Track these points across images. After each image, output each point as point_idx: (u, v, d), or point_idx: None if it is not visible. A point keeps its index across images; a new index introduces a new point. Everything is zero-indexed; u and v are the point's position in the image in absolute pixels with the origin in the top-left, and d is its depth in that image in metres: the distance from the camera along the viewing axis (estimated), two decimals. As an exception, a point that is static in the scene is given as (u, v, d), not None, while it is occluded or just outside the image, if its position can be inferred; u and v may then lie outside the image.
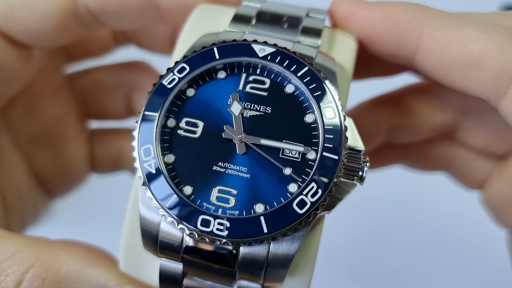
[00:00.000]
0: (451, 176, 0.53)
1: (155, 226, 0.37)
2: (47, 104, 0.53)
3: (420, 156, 0.53)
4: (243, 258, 0.35)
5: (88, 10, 0.44)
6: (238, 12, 0.43)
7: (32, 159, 0.52)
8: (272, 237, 0.34)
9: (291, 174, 0.36)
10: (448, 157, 0.51)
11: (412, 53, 0.41)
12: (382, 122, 0.50)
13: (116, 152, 0.56)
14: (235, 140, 0.37)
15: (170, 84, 0.38)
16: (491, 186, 0.49)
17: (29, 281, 0.37)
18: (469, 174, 0.51)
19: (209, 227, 0.34)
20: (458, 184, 0.53)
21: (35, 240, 0.40)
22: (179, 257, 0.37)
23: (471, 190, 0.53)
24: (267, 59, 0.38)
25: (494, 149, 0.48)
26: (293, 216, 0.34)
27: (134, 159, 0.37)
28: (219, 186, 0.36)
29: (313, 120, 0.37)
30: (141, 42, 0.55)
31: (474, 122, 0.49)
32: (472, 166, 0.50)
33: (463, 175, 0.52)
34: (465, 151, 0.50)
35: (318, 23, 0.42)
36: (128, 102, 0.56)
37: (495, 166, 0.49)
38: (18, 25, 0.42)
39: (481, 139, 0.49)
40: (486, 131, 0.48)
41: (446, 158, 0.51)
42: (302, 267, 0.38)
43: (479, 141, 0.49)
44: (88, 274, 0.39)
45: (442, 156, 0.51)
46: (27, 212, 0.51)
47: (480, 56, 0.38)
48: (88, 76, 0.56)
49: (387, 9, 0.41)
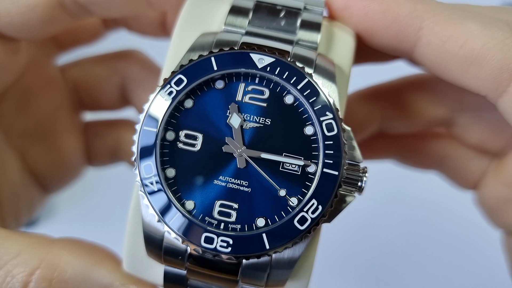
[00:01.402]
0: (445, 176, 0.54)
1: (159, 235, 0.37)
2: (39, 97, 0.52)
3: (414, 152, 0.53)
4: (245, 267, 0.37)
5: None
6: (235, 4, 0.41)
7: (26, 154, 0.51)
8: (274, 251, 0.35)
9: (286, 196, 0.36)
10: (442, 154, 0.51)
11: (411, 47, 0.41)
12: (376, 111, 0.50)
13: (112, 143, 0.55)
14: (235, 154, 0.37)
15: (168, 97, 0.37)
16: (485, 186, 0.50)
17: (36, 282, 0.38)
18: (463, 173, 0.51)
19: (212, 244, 0.35)
20: (452, 184, 0.54)
21: (37, 239, 0.40)
22: (183, 265, 0.38)
23: (465, 190, 0.53)
24: (266, 70, 0.37)
25: (488, 146, 0.48)
26: (294, 232, 0.35)
27: (136, 176, 0.37)
28: (221, 200, 0.37)
29: (313, 132, 0.37)
30: (131, 26, 0.54)
31: (470, 117, 0.48)
32: (466, 165, 0.50)
33: (457, 174, 0.52)
34: (459, 148, 0.50)
35: (317, 17, 0.41)
36: (122, 92, 0.55)
37: (489, 165, 0.49)
38: (2, 18, 0.41)
39: (476, 135, 0.49)
40: (481, 127, 0.48)
41: (440, 156, 0.52)
42: (299, 271, 0.39)
43: (474, 137, 0.49)
44: (93, 275, 0.39)
45: (436, 153, 0.52)
46: (22, 208, 0.51)
47: (481, 53, 0.37)
48: (80, 67, 0.55)
49: (387, 1, 0.40)
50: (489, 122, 0.48)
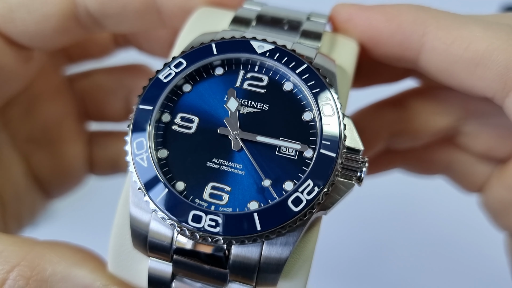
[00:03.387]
0: (449, 180, 0.53)
1: (145, 224, 0.36)
2: (46, 105, 0.53)
3: (419, 160, 0.52)
4: (235, 258, 0.34)
5: (88, 12, 0.43)
6: (238, 15, 0.42)
7: (30, 159, 0.51)
8: (265, 236, 0.33)
9: (269, 187, 0.35)
10: (447, 161, 0.51)
11: (416, 54, 0.41)
12: (383, 129, 0.50)
13: (114, 154, 0.55)
14: (230, 136, 0.36)
15: (166, 78, 0.37)
16: (490, 190, 0.49)
17: (14, 280, 0.36)
18: (468, 177, 0.50)
19: (200, 223, 0.33)
20: (456, 188, 0.53)
21: (21, 239, 0.39)
22: (169, 257, 0.35)
23: (470, 194, 0.52)
24: (266, 55, 0.37)
25: (494, 153, 0.48)
26: (288, 214, 0.33)
27: (127, 153, 0.36)
28: (213, 183, 0.35)
29: (311, 118, 0.36)
30: (142, 45, 0.55)
31: (475, 125, 0.48)
32: (471, 170, 0.50)
33: (462, 178, 0.51)
34: (465, 155, 0.50)
35: (319, 26, 0.42)
36: (127, 104, 0.55)
37: (494, 169, 0.49)
38: (17, 26, 0.42)
39: (482, 143, 0.48)
40: (487, 135, 0.47)
41: (445, 162, 0.51)
42: (296, 271, 0.36)
43: (480, 145, 0.48)
44: (74, 274, 0.37)
45: (441, 160, 0.51)
46: (24, 212, 0.50)
47: (485, 53, 0.37)
48: (88, 78, 0.56)
49: (389, 11, 0.41)
50: (494, 129, 0.47)
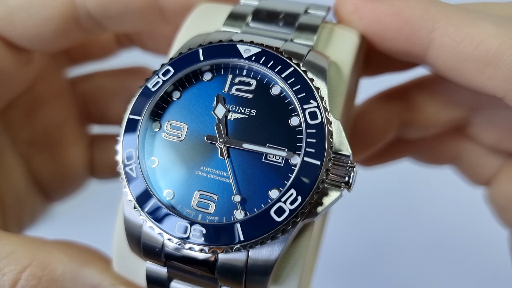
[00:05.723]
0: (458, 171, 0.51)
1: (138, 229, 0.37)
2: (48, 108, 0.53)
3: (429, 150, 0.51)
4: (222, 264, 0.35)
5: (88, 14, 0.43)
6: (234, 11, 0.41)
7: (31, 161, 0.52)
8: (249, 245, 0.33)
9: (238, 203, 0.35)
10: (457, 151, 0.49)
11: (424, 50, 0.39)
12: (393, 119, 0.48)
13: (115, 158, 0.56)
14: (217, 144, 0.36)
15: (154, 87, 0.38)
16: (497, 184, 0.47)
17: (26, 279, 0.37)
18: (477, 169, 0.49)
19: (186, 233, 0.34)
20: (464, 179, 0.51)
21: (30, 240, 0.40)
22: (162, 261, 0.37)
23: (477, 186, 0.51)
24: (252, 59, 0.37)
25: (504, 146, 0.46)
26: (271, 224, 0.33)
27: (118, 163, 0.37)
28: (201, 191, 0.36)
29: (298, 123, 0.36)
30: (145, 45, 0.55)
31: (485, 117, 0.46)
32: (480, 162, 0.48)
33: (471, 170, 0.49)
34: (474, 146, 0.48)
35: (315, 19, 0.40)
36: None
37: (504, 163, 0.47)
38: (17, 29, 0.42)
39: (492, 135, 0.46)
40: (497, 127, 0.45)
41: (455, 153, 0.49)
42: (286, 275, 0.36)
43: (490, 137, 0.46)
44: (83, 274, 0.39)
45: (451, 150, 0.49)
46: (25, 215, 0.51)
47: (497, 53, 0.35)
48: (90, 80, 0.56)
49: (398, 4, 0.39)
50: (505, 121, 0.45)
